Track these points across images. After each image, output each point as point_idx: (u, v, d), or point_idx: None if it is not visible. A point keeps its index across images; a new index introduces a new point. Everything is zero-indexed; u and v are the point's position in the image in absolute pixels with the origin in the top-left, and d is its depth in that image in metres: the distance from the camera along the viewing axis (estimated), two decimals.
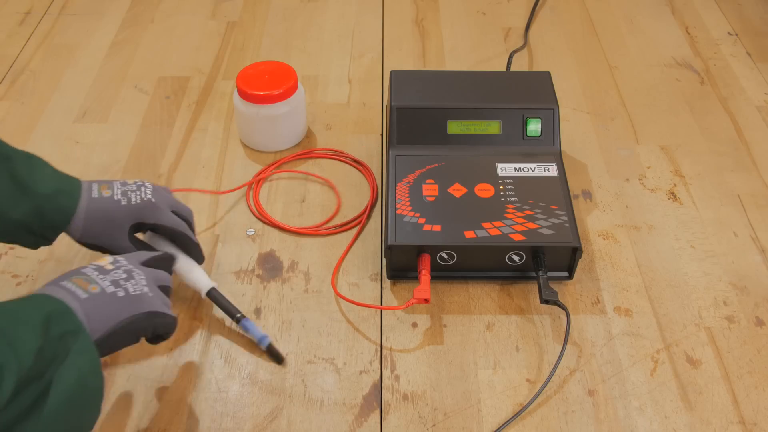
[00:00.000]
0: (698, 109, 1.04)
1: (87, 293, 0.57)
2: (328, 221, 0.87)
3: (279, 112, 0.92)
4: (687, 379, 0.72)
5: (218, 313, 0.78)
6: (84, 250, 0.84)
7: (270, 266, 0.82)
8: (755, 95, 1.07)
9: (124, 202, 0.70)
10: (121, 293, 0.59)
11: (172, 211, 0.74)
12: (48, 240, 0.70)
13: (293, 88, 0.92)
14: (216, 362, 0.73)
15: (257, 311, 0.78)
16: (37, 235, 0.69)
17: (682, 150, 0.98)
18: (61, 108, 1.05)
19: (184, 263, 0.75)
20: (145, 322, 0.60)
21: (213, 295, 0.75)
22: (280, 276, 0.81)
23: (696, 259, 0.84)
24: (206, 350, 0.75)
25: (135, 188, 0.71)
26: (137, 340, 0.62)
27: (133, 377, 0.72)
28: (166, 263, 0.69)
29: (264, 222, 0.87)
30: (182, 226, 0.74)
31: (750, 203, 0.90)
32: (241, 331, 0.75)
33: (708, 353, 0.74)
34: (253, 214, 0.88)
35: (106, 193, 0.70)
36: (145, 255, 0.67)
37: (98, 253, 0.73)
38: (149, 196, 0.71)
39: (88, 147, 0.98)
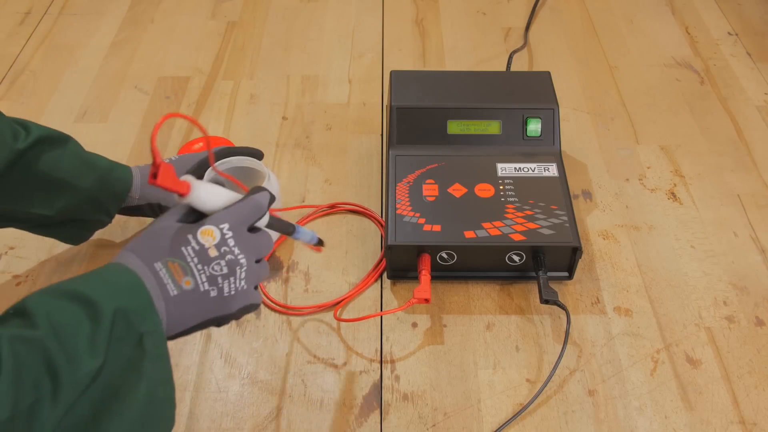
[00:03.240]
0: (698, 109, 1.04)
1: (179, 289, 0.51)
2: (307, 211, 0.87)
3: None
4: (687, 379, 0.72)
5: None
6: (84, 250, 0.84)
7: (270, 266, 0.82)
8: (755, 95, 1.07)
9: (167, 161, 0.78)
10: (213, 293, 0.53)
11: None
12: (109, 215, 0.77)
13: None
14: (216, 362, 0.74)
15: (257, 311, 0.78)
16: (101, 209, 0.75)
17: (682, 150, 0.98)
18: (60, 108, 1.05)
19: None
20: (228, 319, 0.55)
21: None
22: (280, 276, 0.81)
23: (696, 259, 0.84)
24: (206, 350, 0.75)
25: (168, 158, 0.82)
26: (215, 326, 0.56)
27: None
28: (270, 202, 0.59)
29: None
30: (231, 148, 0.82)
31: (750, 203, 0.90)
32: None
33: (708, 353, 0.74)
34: None
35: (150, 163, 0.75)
36: (251, 212, 0.56)
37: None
38: (182, 155, 0.81)
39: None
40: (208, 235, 0.53)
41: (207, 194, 0.54)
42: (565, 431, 0.68)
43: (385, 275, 0.81)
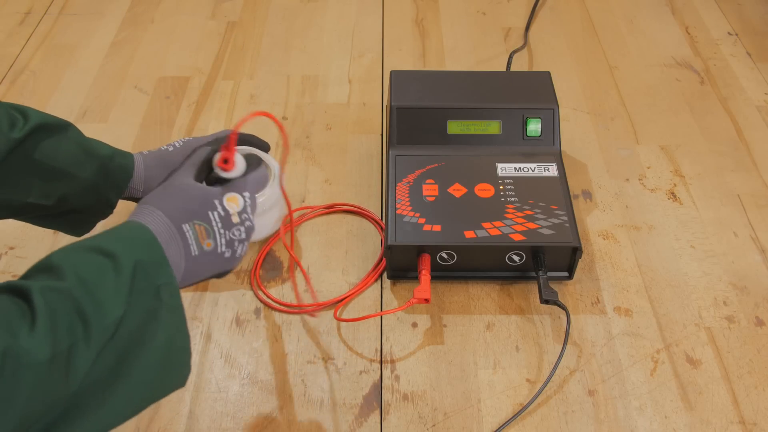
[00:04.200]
0: (698, 109, 1.04)
1: (200, 250, 0.55)
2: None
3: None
4: (687, 379, 0.72)
5: (217, 312, 0.78)
6: None
7: (270, 266, 0.82)
8: (755, 95, 1.07)
9: (171, 149, 0.76)
10: (228, 254, 0.58)
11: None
12: (110, 205, 0.73)
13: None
14: (216, 362, 0.74)
15: (257, 311, 0.78)
16: (101, 199, 0.72)
17: (682, 150, 0.98)
18: (61, 108, 1.05)
19: None
20: (228, 272, 0.61)
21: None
22: (280, 276, 0.81)
23: (696, 259, 0.84)
24: (206, 350, 0.75)
25: (173, 142, 0.77)
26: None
27: None
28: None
29: None
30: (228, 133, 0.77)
31: (750, 203, 0.90)
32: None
33: (708, 353, 0.74)
34: None
35: (154, 149, 0.77)
36: (261, 184, 0.64)
37: None
38: (188, 138, 0.78)
39: None
40: (233, 202, 0.58)
41: (238, 168, 0.62)
42: (565, 431, 0.68)
43: (385, 275, 0.81)
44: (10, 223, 0.87)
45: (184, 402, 0.70)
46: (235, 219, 0.58)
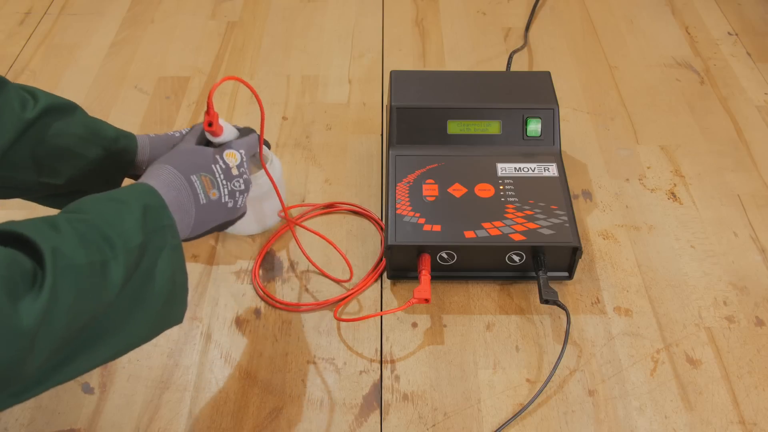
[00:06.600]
0: (698, 109, 1.04)
1: (207, 199, 0.63)
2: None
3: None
4: (687, 379, 0.72)
5: (217, 312, 0.78)
6: None
7: (270, 266, 0.82)
8: (755, 95, 1.07)
9: (178, 135, 0.78)
10: (230, 204, 0.66)
11: None
12: (116, 186, 0.74)
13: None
14: (216, 362, 0.74)
15: (257, 311, 0.78)
16: (108, 179, 0.74)
17: (682, 150, 0.98)
18: None
19: None
20: (229, 224, 0.68)
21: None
22: (281, 276, 0.81)
23: (696, 259, 0.84)
24: (206, 350, 0.75)
25: (180, 129, 0.80)
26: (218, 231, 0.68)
27: (133, 377, 0.72)
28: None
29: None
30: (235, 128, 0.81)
31: (750, 203, 0.90)
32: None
33: (708, 353, 0.74)
34: None
35: (161, 133, 0.79)
36: (253, 146, 0.71)
37: None
38: (195, 125, 0.80)
39: None
40: (231, 156, 0.67)
41: (227, 132, 0.68)
42: (565, 431, 0.68)
43: (385, 275, 0.81)
44: (16, 202, 0.86)
45: (184, 402, 0.70)
46: (235, 172, 0.66)
